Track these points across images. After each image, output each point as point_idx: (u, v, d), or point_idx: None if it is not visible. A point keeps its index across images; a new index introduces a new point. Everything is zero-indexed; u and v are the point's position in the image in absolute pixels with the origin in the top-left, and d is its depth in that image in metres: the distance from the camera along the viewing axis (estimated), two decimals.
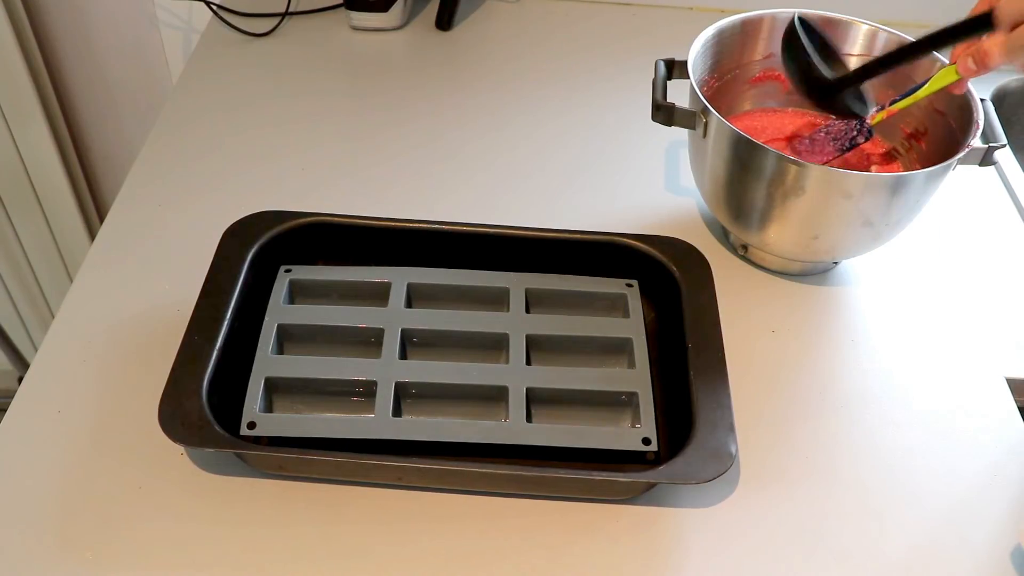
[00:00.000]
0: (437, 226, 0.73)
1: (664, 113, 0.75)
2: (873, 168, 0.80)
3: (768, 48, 0.83)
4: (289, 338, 0.68)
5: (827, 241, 0.74)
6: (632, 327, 0.69)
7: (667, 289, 0.70)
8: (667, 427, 0.64)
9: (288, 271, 0.71)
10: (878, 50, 0.80)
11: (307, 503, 0.60)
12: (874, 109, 0.75)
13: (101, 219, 1.29)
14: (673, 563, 0.59)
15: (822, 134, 0.77)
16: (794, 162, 0.69)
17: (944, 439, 0.68)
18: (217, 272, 0.68)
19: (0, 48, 1.11)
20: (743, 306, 0.76)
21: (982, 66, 0.65)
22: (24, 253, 1.34)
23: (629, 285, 0.72)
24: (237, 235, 0.70)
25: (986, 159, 0.71)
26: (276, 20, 1.07)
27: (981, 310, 0.78)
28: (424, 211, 0.76)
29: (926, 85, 0.71)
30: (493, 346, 0.68)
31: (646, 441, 0.62)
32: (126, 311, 0.72)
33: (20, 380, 0.69)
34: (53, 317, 0.83)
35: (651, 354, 0.67)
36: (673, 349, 0.67)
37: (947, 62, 0.70)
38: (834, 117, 0.78)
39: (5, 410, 0.64)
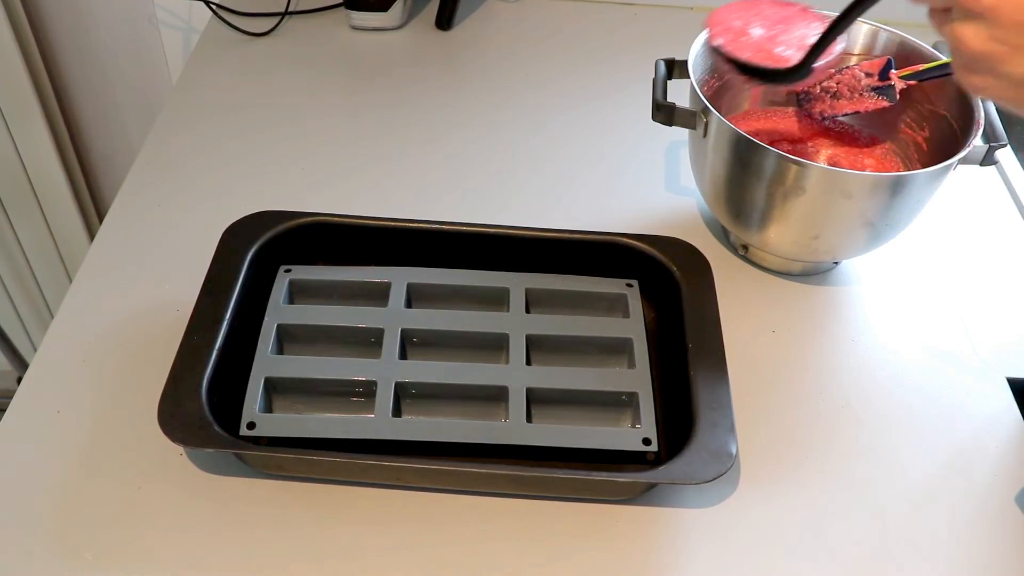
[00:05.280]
0: (437, 226, 0.73)
1: (664, 113, 0.75)
2: (868, 168, 0.80)
3: None
4: (289, 338, 0.68)
5: (827, 241, 0.74)
6: (632, 327, 0.69)
7: (667, 289, 0.70)
8: (667, 427, 0.64)
9: (288, 271, 0.71)
10: (878, 50, 0.80)
11: (307, 503, 0.60)
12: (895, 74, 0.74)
13: (101, 219, 1.29)
14: (673, 563, 0.59)
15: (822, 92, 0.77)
16: (794, 162, 0.69)
17: (945, 440, 0.68)
18: (217, 272, 0.68)
19: None
20: (743, 306, 0.76)
21: None
22: (23, 253, 1.34)
23: (629, 285, 0.72)
24: (237, 235, 0.70)
25: (987, 159, 0.71)
26: (276, 20, 1.07)
27: (982, 310, 0.78)
28: (424, 211, 0.76)
29: None
30: (493, 346, 0.68)
31: (646, 441, 0.62)
32: (126, 311, 0.72)
33: (19, 380, 0.69)
34: (52, 317, 0.83)
35: (651, 354, 0.67)
36: (673, 349, 0.67)
37: None
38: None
39: (4, 410, 0.64)
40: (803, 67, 0.60)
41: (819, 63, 0.60)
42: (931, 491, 0.64)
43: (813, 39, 0.61)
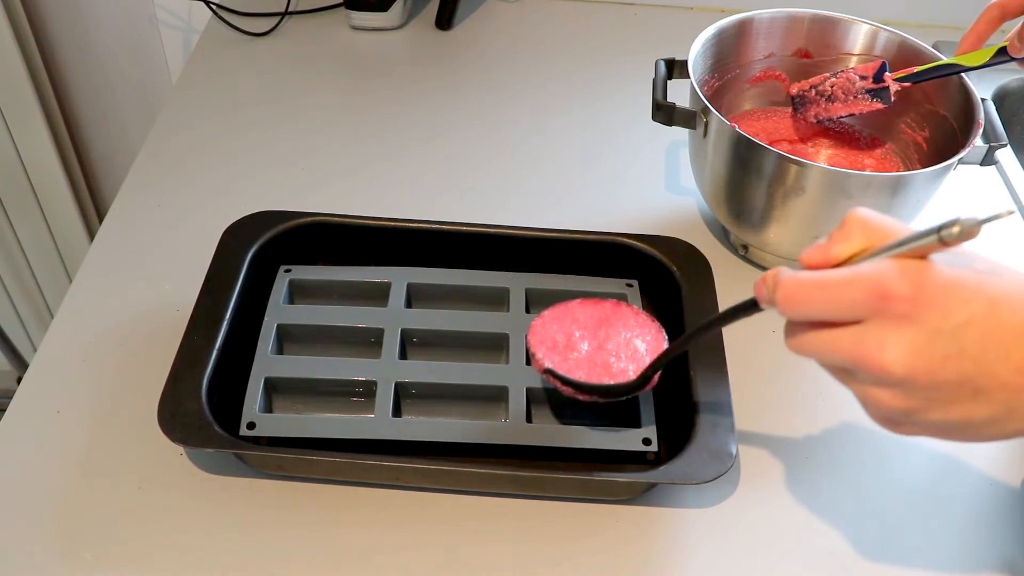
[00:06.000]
0: (437, 226, 0.73)
1: (664, 113, 0.75)
2: (868, 168, 0.80)
3: (768, 48, 0.83)
4: (289, 338, 0.68)
5: None
6: None
7: (667, 289, 0.70)
8: (667, 427, 0.64)
9: (288, 271, 0.71)
10: (878, 50, 0.80)
11: (307, 503, 0.60)
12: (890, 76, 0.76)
13: (100, 219, 1.29)
14: (673, 563, 0.59)
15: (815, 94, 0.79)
16: (794, 162, 0.69)
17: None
18: (217, 272, 0.68)
19: None
20: None
21: None
22: (23, 253, 1.34)
23: (629, 285, 0.72)
24: (237, 235, 0.70)
25: (987, 159, 0.71)
26: (276, 20, 1.07)
27: None
28: (424, 211, 0.76)
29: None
30: (493, 346, 0.68)
31: (646, 441, 0.62)
32: (126, 311, 0.72)
33: (19, 380, 0.69)
34: (52, 317, 0.83)
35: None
36: None
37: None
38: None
39: (4, 410, 0.64)
40: (644, 382, 0.60)
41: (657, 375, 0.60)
42: (931, 491, 0.64)
43: (644, 350, 0.61)
